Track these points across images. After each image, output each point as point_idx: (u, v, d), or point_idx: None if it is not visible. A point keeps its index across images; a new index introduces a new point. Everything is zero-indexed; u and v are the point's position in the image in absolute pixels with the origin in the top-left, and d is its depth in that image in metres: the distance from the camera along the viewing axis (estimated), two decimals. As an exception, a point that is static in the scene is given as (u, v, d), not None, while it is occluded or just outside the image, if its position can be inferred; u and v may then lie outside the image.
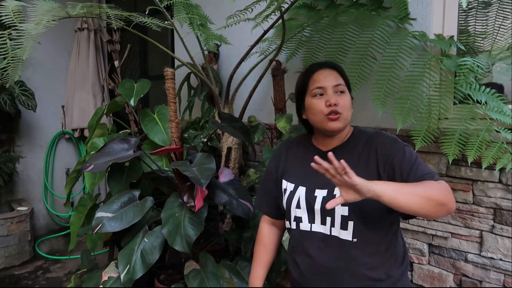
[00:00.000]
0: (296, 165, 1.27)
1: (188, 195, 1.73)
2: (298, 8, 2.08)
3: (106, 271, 1.68)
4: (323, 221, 1.14)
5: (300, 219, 1.19)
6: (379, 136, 1.16)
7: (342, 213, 1.11)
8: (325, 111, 1.13)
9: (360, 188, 0.93)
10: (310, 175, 1.18)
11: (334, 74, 1.17)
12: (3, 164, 3.42)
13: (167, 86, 1.95)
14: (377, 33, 1.75)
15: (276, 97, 2.15)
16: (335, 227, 1.12)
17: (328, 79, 1.16)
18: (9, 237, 3.21)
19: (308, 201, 1.17)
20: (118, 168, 1.93)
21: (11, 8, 1.53)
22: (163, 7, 1.82)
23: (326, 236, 1.14)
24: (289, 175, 1.26)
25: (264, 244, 1.35)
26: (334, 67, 1.20)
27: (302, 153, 1.27)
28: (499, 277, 1.64)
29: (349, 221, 1.10)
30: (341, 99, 1.14)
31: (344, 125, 1.16)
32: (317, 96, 1.16)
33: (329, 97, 1.13)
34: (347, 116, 1.15)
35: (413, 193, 0.97)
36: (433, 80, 1.64)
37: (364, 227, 1.10)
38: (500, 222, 1.63)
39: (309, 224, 1.17)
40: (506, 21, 1.70)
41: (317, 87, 1.16)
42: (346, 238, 1.11)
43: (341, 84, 1.16)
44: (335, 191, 1.12)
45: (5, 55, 1.54)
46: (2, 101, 3.24)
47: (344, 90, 1.16)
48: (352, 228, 1.10)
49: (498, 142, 1.50)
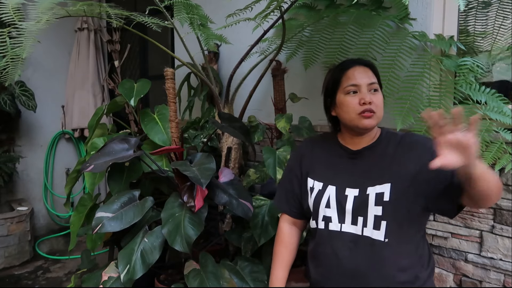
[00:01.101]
0: (322, 163, 1.23)
1: (188, 195, 1.73)
2: (298, 8, 2.08)
3: (106, 271, 1.67)
4: (354, 221, 1.12)
5: (330, 219, 1.15)
6: (413, 135, 1.16)
7: (375, 212, 1.08)
8: (359, 109, 1.11)
9: (471, 151, 0.85)
10: (339, 174, 1.18)
11: (368, 72, 1.15)
12: (3, 164, 3.42)
13: (167, 86, 1.94)
14: (377, 33, 1.76)
15: (276, 97, 2.15)
16: (368, 227, 1.10)
17: (362, 77, 1.13)
18: (9, 237, 3.21)
19: (339, 201, 1.14)
20: (118, 168, 1.93)
21: (11, 6, 1.53)
22: (163, 7, 1.82)
23: (357, 236, 1.11)
24: (315, 174, 1.23)
25: (285, 244, 1.31)
26: (368, 64, 1.17)
27: (328, 152, 1.24)
28: (499, 277, 1.64)
29: (382, 220, 1.08)
30: (375, 97, 1.12)
31: (376, 124, 1.13)
32: (350, 94, 1.13)
33: (364, 95, 1.11)
34: (380, 115, 1.13)
35: (493, 175, 0.94)
36: (433, 81, 1.64)
37: (396, 227, 1.08)
38: (500, 222, 1.63)
39: (339, 224, 1.14)
40: (506, 21, 1.70)
41: (351, 84, 1.13)
42: (378, 238, 1.08)
43: (375, 82, 1.14)
44: (368, 191, 1.10)
45: (5, 54, 1.54)
46: (2, 101, 3.24)
47: (377, 88, 1.14)
48: (385, 228, 1.08)
49: (498, 142, 1.50)
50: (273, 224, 1.79)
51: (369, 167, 1.14)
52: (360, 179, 1.13)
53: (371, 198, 1.09)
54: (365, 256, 1.09)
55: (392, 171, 1.10)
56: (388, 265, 1.08)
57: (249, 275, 1.76)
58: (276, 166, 1.77)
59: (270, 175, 1.78)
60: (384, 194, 1.08)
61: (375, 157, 1.14)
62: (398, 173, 1.09)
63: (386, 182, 1.09)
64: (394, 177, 1.09)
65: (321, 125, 2.25)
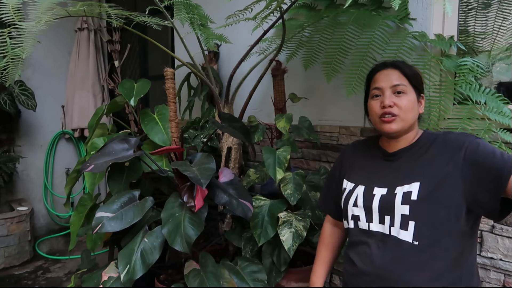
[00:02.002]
0: (360, 165, 1.23)
1: (188, 195, 1.73)
2: (298, 8, 2.08)
3: (106, 271, 1.67)
4: (382, 220, 1.09)
5: (358, 218, 1.14)
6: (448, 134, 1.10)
7: (402, 212, 1.04)
8: (379, 113, 1.10)
9: None
10: (371, 175, 1.17)
11: (396, 73, 1.12)
12: (3, 164, 3.42)
13: (167, 86, 1.94)
14: (377, 33, 1.75)
15: (276, 97, 2.15)
16: (395, 227, 1.05)
17: (386, 79, 1.12)
18: (9, 237, 3.21)
19: (366, 199, 1.12)
20: (118, 168, 1.93)
21: (11, 6, 1.53)
22: (163, 7, 1.82)
23: (385, 235, 1.07)
24: (351, 175, 1.23)
25: (325, 243, 1.35)
26: (398, 66, 1.13)
27: (369, 153, 1.23)
28: (499, 277, 1.64)
29: (410, 221, 1.03)
30: (399, 100, 1.09)
31: (401, 128, 1.10)
32: (374, 98, 1.13)
33: (385, 98, 1.10)
34: (405, 118, 1.09)
35: None
36: (433, 81, 1.64)
37: (428, 230, 1.01)
38: (500, 222, 1.63)
39: (366, 223, 1.12)
40: (506, 21, 1.70)
41: (375, 88, 1.13)
42: (405, 239, 1.03)
43: (401, 84, 1.10)
44: (396, 190, 1.07)
45: (5, 54, 1.54)
46: (2, 101, 3.24)
47: (404, 90, 1.10)
48: (413, 229, 1.02)
49: (497, 143, 1.50)
50: (273, 224, 1.79)
51: (401, 168, 1.11)
52: (391, 179, 1.11)
53: (398, 197, 1.05)
54: (391, 256, 1.05)
55: (422, 171, 1.06)
56: (416, 271, 1.01)
57: (249, 275, 1.76)
58: (276, 166, 1.77)
59: (270, 175, 1.78)
60: (412, 193, 1.03)
61: (409, 159, 1.12)
62: (429, 172, 1.04)
63: (415, 181, 1.05)
64: (424, 176, 1.05)
65: (321, 125, 2.25)
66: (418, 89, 1.13)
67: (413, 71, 1.14)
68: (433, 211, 1.01)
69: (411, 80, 1.11)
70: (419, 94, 1.13)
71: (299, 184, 1.80)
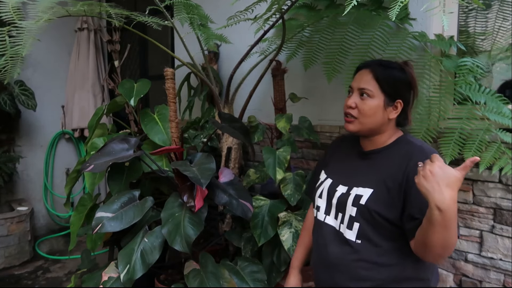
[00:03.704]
0: (338, 159, 1.29)
1: (188, 195, 1.73)
2: (298, 8, 2.08)
3: (106, 271, 1.68)
4: (336, 216, 1.16)
5: (319, 208, 1.23)
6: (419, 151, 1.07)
7: (351, 212, 1.11)
8: (344, 110, 1.16)
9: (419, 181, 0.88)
10: (343, 170, 1.23)
11: (368, 76, 1.12)
12: (3, 164, 3.42)
13: (167, 86, 1.94)
14: (377, 33, 1.75)
15: (276, 97, 2.15)
16: (344, 224, 1.13)
17: (358, 80, 1.14)
18: (9, 237, 3.21)
19: (329, 193, 1.20)
20: (118, 168, 1.93)
21: (11, 5, 1.53)
22: (163, 7, 1.82)
23: (335, 230, 1.16)
24: (328, 167, 1.29)
25: (307, 228, 1.39)
26: (374, 69, 1.12)
27: (349, 150, 1.27)
28: (499, 277, 1.64)
29: (355, 222, 1.09)
30: (362, 103, 1.11)
31: (359, 130, 1.13)
32: (348, 94, 1.17)
33: (350, 97, 1.14)
34: (364, 122, 1.11)
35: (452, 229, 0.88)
36: (433, 81, 1.64)
37: (369, 231, 1.08)
38: (500, 222, 1.63)
39: (324, 215, 1.21)
40: (505, 22, 1.70)
41: (350, 86, 1.17)
42: (350, 238, 1.11)
43: (367, 88, 1.10)
44: (352, 191, 1.13)
45: (4, 52, 1.54)
46: (2, 101, 3.24)
47: (370, 94, 1.10)
48: (357, 229, 1.09)
49: (497, 143, 1.50)
50: (273, 224, 1.79)
51: (366, 169, 1.16)
52: (354, 178, 1.16)
53: (351, 198, 1.12)
54: (338, 251, 1.13)
55: (379, 178, 1.09)
56: (358, 268, 1.09)
57: (249, 275, 1.76)
58: (276, 166, 1.77)
59: (270, 175, 1.78)
60: (362, 197, 1.09)
61: (375, 162, 1.15)
62: (384, 181, 1.07)
63: (369, 186, 1.10)
64: (378, 184, 1.08)
65: (321, 125, 2.25)
66: (390, 94, 1.10)
67: (389, 76, 1.11)
68: (375, 217, 1.06)
69: (381, 85, 1.10)
70: (392, 100, 1.11)
71: (299, 184, 1.80)
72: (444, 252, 0.94)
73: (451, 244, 0.91)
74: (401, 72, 1.12)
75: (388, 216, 1.05)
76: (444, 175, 0.83)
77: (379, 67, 1.12)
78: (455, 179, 0.83)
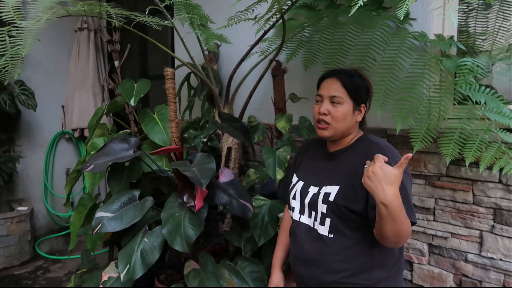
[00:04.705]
0: (307, 162, 1.38)
1: (188, 195, 1.73)
2: (298, 8, 2.08)
3: (106, 271, 1.68)
4: (310, 215, 1.26)
5: (293, 209, 1.32)
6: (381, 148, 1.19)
7: (322, 210, 1.21)
8: (316, 117, 1.25)
9: None
10: (312, 172, 1.33)
11: (336, 84, 1.23)
12: (3, 164, 3.42)
13: (167, 86, 1.94)
14: (377, 33, 1.75)
15: (276, 97, 2.15)
16: (317, 221, 1.23)
17: (327, 88, 1.24)
18: (9, 237, 3.21)
19: (302, 195, 1.29)
20: (118, 168, 1.93)
21: (11, 5, 1.53)
22: (163, 7, 1.82)
23: (310, 228, 1.26)
24: (298, 170, 1.38)
25: (285, 228, 1.47)
26: (340, 78, 1.23)
27: (316, 152, 1.37)
28: (499, 277, 1.64)
29: (327, 218, 1.20)
30: (334, 110, 1.21)
31: (333, 134, 1.24)
32: (316, 103, 1.27)
33: (322, 105, 1.23)
34: (336, 126, 1.22)
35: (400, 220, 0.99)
36: (433, 81, 1.64)
37: (339, 225, 1.18)
38: (500, 222, 1.63)
39: (299, 214, 1.30)
40: (506, 22, 1.70)
41: (317, 94, 1.27)
42: (323, 233, 1.21)
43: (337, 96, 1.21)
44: (322, 189, 1.22)
45: (4, 52, 1.54)
46: (2, 101, 3.24)
47: (340, 101, 1.21)
48: (329, 224, 1.19)
49: (497, 143, 1.50)
50: (273, 224, 1.79)
51: (333, 169, 1.26)
52: (322, 178, 1.26)
53: (321, 196, 1.22)
54: (314, 247, 1.23)
55: (344, 175, 1.20)
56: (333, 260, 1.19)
57: (249, 275, 1.76)
58: (276, 166, 1.77)
59: (270, 175, 1.78)
60: (331, 195, 1.19)
61: (341, 161, 1.25)
62: (348, 178, 1.18)
63: (336, 184, 1.20)
64: (344, 181, 1.19)
65: (321, 125, 2.25)
66: (356, 100, 1.23)
67: (355, 84, 1.23)
68: (343, 211, 1.17)
69: (350, 92, 1.22)
70: (358, 104, 1.24)
71: (299, 184, 1.80)
72: (400, 240, 1.05)
73: (404, 232, 1.02)
74: (361, 79, 1.26)
75: (355, 208, 1.15)
76: (384, 175, 0.94)
77: (345, 76, 1.24)
78: (394, 177, 0.95)
